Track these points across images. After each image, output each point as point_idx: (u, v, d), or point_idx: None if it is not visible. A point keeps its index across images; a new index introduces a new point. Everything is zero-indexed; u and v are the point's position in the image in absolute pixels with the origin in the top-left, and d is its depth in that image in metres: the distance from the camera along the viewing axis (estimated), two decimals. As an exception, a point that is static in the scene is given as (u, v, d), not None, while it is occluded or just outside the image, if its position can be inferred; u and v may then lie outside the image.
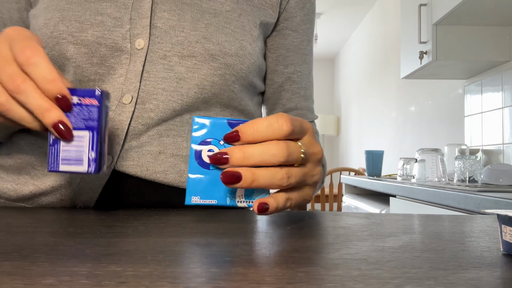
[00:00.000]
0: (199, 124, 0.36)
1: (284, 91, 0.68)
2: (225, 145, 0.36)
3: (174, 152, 0.56)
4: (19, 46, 0.36)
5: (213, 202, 0.36)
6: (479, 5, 1.55)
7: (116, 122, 0.53)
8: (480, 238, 0.34)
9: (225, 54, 0.56)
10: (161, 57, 0.54)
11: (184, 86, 0.55)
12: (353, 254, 0.27)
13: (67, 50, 0.53)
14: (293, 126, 0.35)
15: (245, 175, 0.33)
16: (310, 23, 0.69)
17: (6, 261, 0.24)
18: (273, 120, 0.34)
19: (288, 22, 0.67)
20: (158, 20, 0.55)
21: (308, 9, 0.69)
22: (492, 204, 0.94)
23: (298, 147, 0.36)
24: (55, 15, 0.54)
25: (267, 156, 0.34)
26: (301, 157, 0.36)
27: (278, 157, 0.34)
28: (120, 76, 0.54)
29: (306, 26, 0.69)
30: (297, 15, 0.67)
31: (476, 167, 1.45)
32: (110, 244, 0.29)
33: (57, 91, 0.36)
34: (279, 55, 0.67)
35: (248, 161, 0.33)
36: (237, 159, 0.33)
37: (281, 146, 0.34)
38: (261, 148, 0.34)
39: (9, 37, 0.38)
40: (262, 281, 0.21)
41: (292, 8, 0.66)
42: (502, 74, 1.80)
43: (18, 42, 0.37)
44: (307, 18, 0.68)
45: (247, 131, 0.34)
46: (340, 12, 4.04)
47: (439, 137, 2.43)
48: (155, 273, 0.22)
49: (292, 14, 0.67)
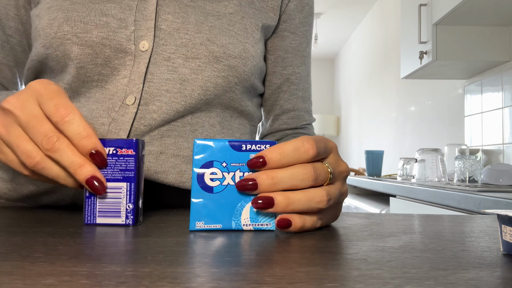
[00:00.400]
0: (200, 147, 0.36)
1: (282, 93, 0.68)
2: (228, 167, 0.36)
3: (175, 152, 0.56)
4: (52, 103, 0.36)
5: (218, 226, 0.35)
6: (479, 5, 1.55)
7: (119, 123, 0.53)
8: (480, 238, 0.34)
9: (229, 56, 0.57)
10: (165, 59, 0.55)
11: (187, 88, 0.55)
12: (353, 254, 0.27)
13: (71, 50, 0.53)
14: (318, 149, 0.34)
15: (279, 201, 0.33)
16: (308, 26, 0.70)
17: (6, 261, 0.24)
18: (299, 144, 0.34)
19: (287, 24, 0.67)
20: (163, 22, 0.55)
21: (307, 12, 0.69)
22: (492, 204, 0.94)
23: (325, 168, 0.35)
24: (59, 15, 0.54)
25: (297, 181, 0.33)
26: (329, 177, 0.36)
27: (307, 181, 0.34)
28: (123, 78, 0.54)
29: (304, 29, 0.69)
30: (296, 17, 0.68)
31: (476, 167, 1.45)
32: (110, 244, 0.29)
33: (91, 146, 0.35)
34: (277, 57, 0.67)
35: (277, 187, 0.33)
36: (266, 185, 0.33)
37: (309, 170, 0.34)
38: (290, 173, 0.33)
39: (36, 92, 0.38)
40: (262, 281, 0.21)
41: (291, 10, 0.67)
42: (502, 74, 1.80)
43: (49, 100, 0.37)
44: (305, 20, 0.69)
45: (273, 156, 0.33)
46: (340, 12, 4.04)
47: (439, 137, 2.43)
48: (155, 273, 0.22)
49: (291, 16, 0.67)
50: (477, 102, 1.99)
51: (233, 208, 0.35)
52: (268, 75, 0.68)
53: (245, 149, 0.36)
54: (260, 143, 0.36)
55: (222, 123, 0.60)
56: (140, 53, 0.54)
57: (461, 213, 1.11)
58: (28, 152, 0.36)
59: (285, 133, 0.70)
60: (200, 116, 0.58)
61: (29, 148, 0.36)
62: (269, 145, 0.36)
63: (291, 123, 0.70)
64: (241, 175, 0.36)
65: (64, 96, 0.37)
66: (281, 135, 0.70)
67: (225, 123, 0.61)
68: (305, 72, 0.70)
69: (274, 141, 0.37)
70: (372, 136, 3.82)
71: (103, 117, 0.54)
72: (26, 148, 0.36)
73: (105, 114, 0.54)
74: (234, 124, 0.62)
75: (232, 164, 0.36)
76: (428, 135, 2.59)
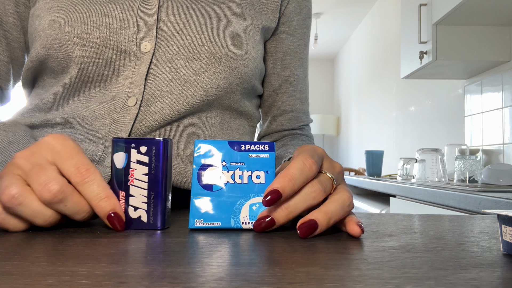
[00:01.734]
0: (201, 147, 0.37)
1: (280, 94, 0.69)
2: (227, 166, 0.36)
3: (176, 152, 0.56)
4: (71, 163, 0.34)
5: (217, 224, 0.36)
6: (479, 5, 1.55)
7: (120, 124, 0.54)
8: (480, 238, 0.34)
9: (230, 57, 0.57)
10: (167, 60, 0.55)
11: (189, 89, 0.55)
12: (353, 254, 0.27)
13: (73, 52, 0.53)
14: (317, 162, 0.35)
15: (321, 220, 0.33)
16: (306, 28, 0.71)
17: (6, 261, 0.24)
18: (301, 165, 0.34)
19: (286, 26, 0.68)
20: (164, 24, 0.56)
21: (305, 14, 0.70)
22: (492, 204, 0.94)
23: (327, 177, 0.36)
24: (60, 16, 0.53)
25: (309, 201, 0.34)
26: (333, 184, 0.36)
27: (318, 197, 0.34)
28: (125, 79, 0.55)
29: (302, 31, 0.70)
30: (294, 19, 0.68)
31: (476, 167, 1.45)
32: (110, 244, 0.29)
33: (110, 208, 0.34)
34: (276, 58, 0.68)
35: (294, 214, 0.34)
36: (283, 217, 0.34)
37: (317, 187, 0.35)
38: (301, 196, 0.34)
39: (51, 149, 0.35)
40: (262, 281, 0.21)
41: (290, 12, 0.68)
42: (502, 74, 1.80)
43: (68, 159, 0.34)
44: (303, 23, 0.70)
45: (287, 186, 0.33)
46: (340, 12, 4.04)
47: (439, 137, 2.43)
48: (155, 273, 0.22)
49: (290, 18, 0.68)
50: (477, 102, 1.99)
51: (232, 206, 0.36)
52: (266, 77, 0.69)
53: (244, 149, 0.37)
54: (258, 144, 0.37)
55: (222, 124, 0.61)
56: (142, 54, 0.54)
57: (461, 213, 1.11)
58: (12, 194, 0.32)
59: (283, 134, 0.70)
60: (200, 116, 0.58)
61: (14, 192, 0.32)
62: (268, 145, 0.37)
63: (289, 124, 0.70)
64: (240, 173, 0.36)
65: (83, 154, 0.35)
66: (278, 136, 0.71)
67: (225, 123, 0.61)
68: (303, 74, 0.71)
69: (272, 142, 0.37)
70: (372, 136, 3.82)
71: (104, 118, 0.54)
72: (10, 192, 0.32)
73: (107, 115, 0.54)
74: (233, 124, 0.63)
75: (232, 163, 0.36)
76: (428, 135, 2.59)
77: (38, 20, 0.56)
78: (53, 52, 0.54)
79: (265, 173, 0.37)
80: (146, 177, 0.35)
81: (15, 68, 0.62)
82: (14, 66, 0.62)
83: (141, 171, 0.35)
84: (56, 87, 0.56)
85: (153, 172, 0.35)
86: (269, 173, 0.37)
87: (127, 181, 0.35)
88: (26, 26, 0.61)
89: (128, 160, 0.36)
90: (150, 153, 0.35)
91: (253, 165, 0.37)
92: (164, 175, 0.36)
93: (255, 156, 0.37)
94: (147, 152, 0.35)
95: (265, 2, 0.65)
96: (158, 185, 0.35)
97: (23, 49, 0.62)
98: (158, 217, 0.35)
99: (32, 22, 0.57)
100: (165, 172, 0.36)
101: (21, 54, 0.62)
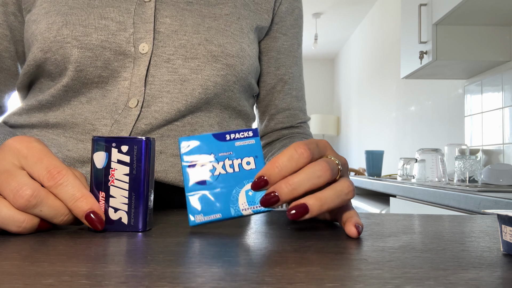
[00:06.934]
0: (186, 144, 0.37)
1: (276, 92, 0.70)
2: (216, 158, 0.36)
3: (175, 152, 0.56)
4: (42, 167, 0.33)
5: (218, 216, 0.35)
6: (479, 5, 1.55)
7: (121, 124, 0.54)
8: (480, 238, 0.34)
9: (226, 55, 0.58)
10: (165, 61, 0.56)
11: (188, 87, 0.56)
12: (353, 254, 0.27)
13: (71, 54, 0.53)
14: (311, 150, 0.34)
15: (312, 205, 0.32)
16: (298, 28, 0.72)
17: (6, 261, 0.24)
18: (292, 152, 0.33)
19: (279, 25, 0.69)
20: (161, 25, 0.56)
21: (297, 15, 0.71)
22: (492, 204, 0.94)
23: (332, 161, 0.35)
24: (58, 19, 0.54)
25: (315, 180, 0.33)
26: (339, 169, 0.35)
27: (324, 176, 0.33)
28: (124, 80, 0.55)
29: (295, 30, 0.71)
30: (287, 19, 0.70)
31: (476, 167, 1.45)
32: (110, 244, 0.29)
33: (87, 207, 0.33)
34: (270, 58, 0.69)
35: (298, 191, 0.32)
36: (286, 194, 0.32)
37: (323, 165, 0.33)
38: (306, 174, 0.33)
39: (17, 153, 0.33)
40: (262, 281, 0.21)
41: (283, 12, 0.69)
42: (502, 74, 1.80)
43: (37, 162, 0.33)
44: (296, 22, 0.71)
45: (272, 172, 0.33)
46: (340, 12, 4.03)
47: (439, 137, 2.43)
48: (155, 273, 0.22)
49: (283, 18, 0.69)
50: (477, 102, 1.99)
51: (228, 195, 0.36)
52: (262, 76, 0.70)
53: (230, 138, 0.37)
54: (242, 131, 0.37)
55: (221, 123, 0.61)
56: (140, 55, 0.55)
57: (461, 213, 1.11)
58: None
59: (282, 132, 0.71)
60: (200, 116, 0.58)
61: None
62: (251, 131, 0.37)
63: (287, 122, 0.71)
64: (230, 163, 0.36)
65: (52, 156, 0.34)
66: (277, 135, 0.71)
67: (224, 123, 0.62)
68: (297, 72, 0.72)
69: (256, 128, 0.37)
70: (372, 136, 3.82)
71: (106, 119, 0.55)
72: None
73: (108, 116, 0.55)
74: (232, 124, 0.63)
75: (220, 154, 0.36)
76: (428, 135, 2.59)
77: (35, 25, 0.56)
78: (51, 55, 0.54)
79: (254, 158, 0.36)
80: (127, 178, 0.34)
81: (7, 78, 0.62)
82: (6, 76, 0.62)
83: (122, 171, 0.34)
84: (53, 89, 0.56)
85: (134, 173, 0.34)
86: (258, 158, 0.36)
87: (107, 182, 0.34)
88: (17, 36, 0.61)
89: (108, 160, 0.35)
90: (132, 152, 0.35)
91: (241, 152, 0.36)
92: (147, 175, 0.35)
93: (241, 143, 0.37)
94: (129, 152, 0.35)
95: (259, 3, 0.66)
96: (140, 186, 0.34)
97: (14, 58, 0.62)
98: (139, 218, 0.34)
99: (28, 27, 0.57)
100: (147, 172, 0.35)
101: (12, 64, 0.62)
